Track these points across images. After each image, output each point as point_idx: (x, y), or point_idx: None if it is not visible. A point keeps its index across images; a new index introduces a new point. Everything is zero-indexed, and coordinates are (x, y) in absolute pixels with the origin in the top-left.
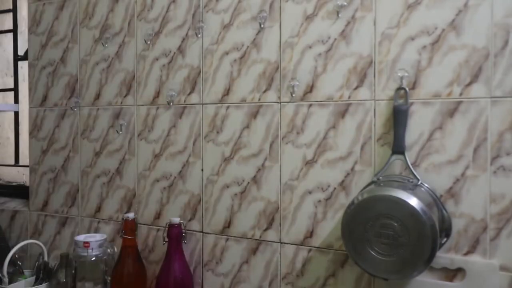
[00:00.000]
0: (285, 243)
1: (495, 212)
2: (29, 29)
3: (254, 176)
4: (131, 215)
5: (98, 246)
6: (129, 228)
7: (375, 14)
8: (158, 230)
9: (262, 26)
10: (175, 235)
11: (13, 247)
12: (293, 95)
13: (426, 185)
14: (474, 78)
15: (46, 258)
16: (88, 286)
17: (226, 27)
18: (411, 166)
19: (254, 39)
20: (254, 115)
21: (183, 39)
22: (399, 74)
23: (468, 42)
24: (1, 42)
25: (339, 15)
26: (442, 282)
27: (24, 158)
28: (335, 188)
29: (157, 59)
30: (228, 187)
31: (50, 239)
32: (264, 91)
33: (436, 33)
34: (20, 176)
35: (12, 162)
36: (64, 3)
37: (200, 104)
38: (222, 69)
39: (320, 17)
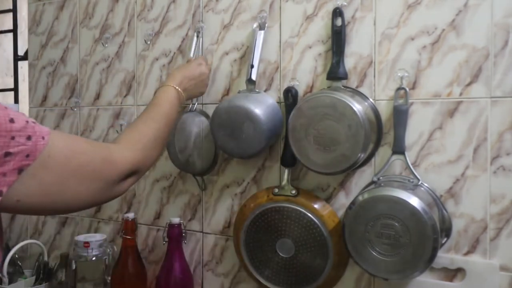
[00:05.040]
0: None
1: (495, 212)
2: (29, 29)
3: (254, 176)
4: (131, 215)
5: (98, 246)
6: (129, 228)
7: (375, 14)
8: (158, 230)
9: (261, 27)
10: (175, 235)
11: (13, 247)
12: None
13: (426, 185)
14: (474, 78)
15: (46, 258)
16: (88, 286)
17: (226, 27)
18: (411, 166)
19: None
20: None
21: (183, 39)
22: (399, 74)
23: (468, 42)
24: (1, 42)
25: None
26: (442, 282)
27: None
28: (335, 188)
29: (157, 59)
30: (228, 187)
31: (50, 239)
32: (265, 91)
33: (436, 33)
34: None
35: None
36: (64, 3)
37: (200, 104)
38: (222, 69)
39: (320, 17)
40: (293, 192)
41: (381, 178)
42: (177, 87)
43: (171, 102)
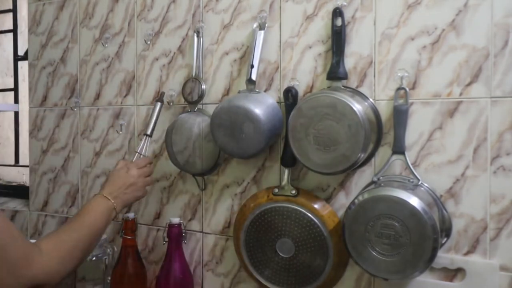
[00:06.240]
0: None
1: (495, 212)
2: (29, 29)
3: (254, 176)
4: (131, 215)
5: (98, 246)
6: (129, 228)
7: (375, 14)
8: (158, 230)
9: (261, 27)
10: (175, 235)
11: None
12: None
13: (426, 185)
14: (474, 78)
15: None
16: (88, 286)
17: (226, 27)
18: (411, 166)
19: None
20: None
21: (183, 39)
22: (399, 74)
23: (468, 42)
24: (1, 42)
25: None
26: (442, 282)
27: (24, 158)
28: (335, 188)
29: (157, 59)
30: (228, 187)
31: None
32: (265, 91)
33: (436, 33)
34: (20, 176)
35: (12, 162)
36: (64, 3)
37: (201, 104)
38: (222, 69)
39: (320, 17)
40: (293, 192)
41: (381, 178)
42: (107, 196)
43: (99, 211)
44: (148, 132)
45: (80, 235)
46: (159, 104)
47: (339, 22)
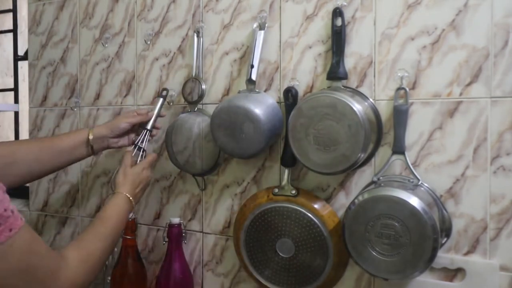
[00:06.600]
0: None
1: (495, 212)
2: (29, 29)
3: (254, 176)
4: (131, 215)
5: None
6: (129, 228)
7: (375, 14)
8: (158, 230)
9: (261, 27)
10: (175, 235)
11: None
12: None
13: (426, 185)
14: (474, 78)
15: None
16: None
17: (226, 27)
18: (411, 166)
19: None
20: None
21: (183, 39)
22: (399, 74)
23: (468, 42)
24: (1, 42)
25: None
26: (442, 282)
27: None
28: (335, 188)
29: (157, 59)
30: (228, 187)
31: (50, 239)
32: (265, 91)
33: (436, 33)
34: None
35: None
36: (64, 3)
37: (201, 104)
38: (222, 69)
39: (320, 17)
40: (293, 192)
41: (381, 178)
42: (130, 197)
43: (121, 214)
44: (149, 127)
45: (106, 245)
46: (161, 99)
47: (339, 22)
